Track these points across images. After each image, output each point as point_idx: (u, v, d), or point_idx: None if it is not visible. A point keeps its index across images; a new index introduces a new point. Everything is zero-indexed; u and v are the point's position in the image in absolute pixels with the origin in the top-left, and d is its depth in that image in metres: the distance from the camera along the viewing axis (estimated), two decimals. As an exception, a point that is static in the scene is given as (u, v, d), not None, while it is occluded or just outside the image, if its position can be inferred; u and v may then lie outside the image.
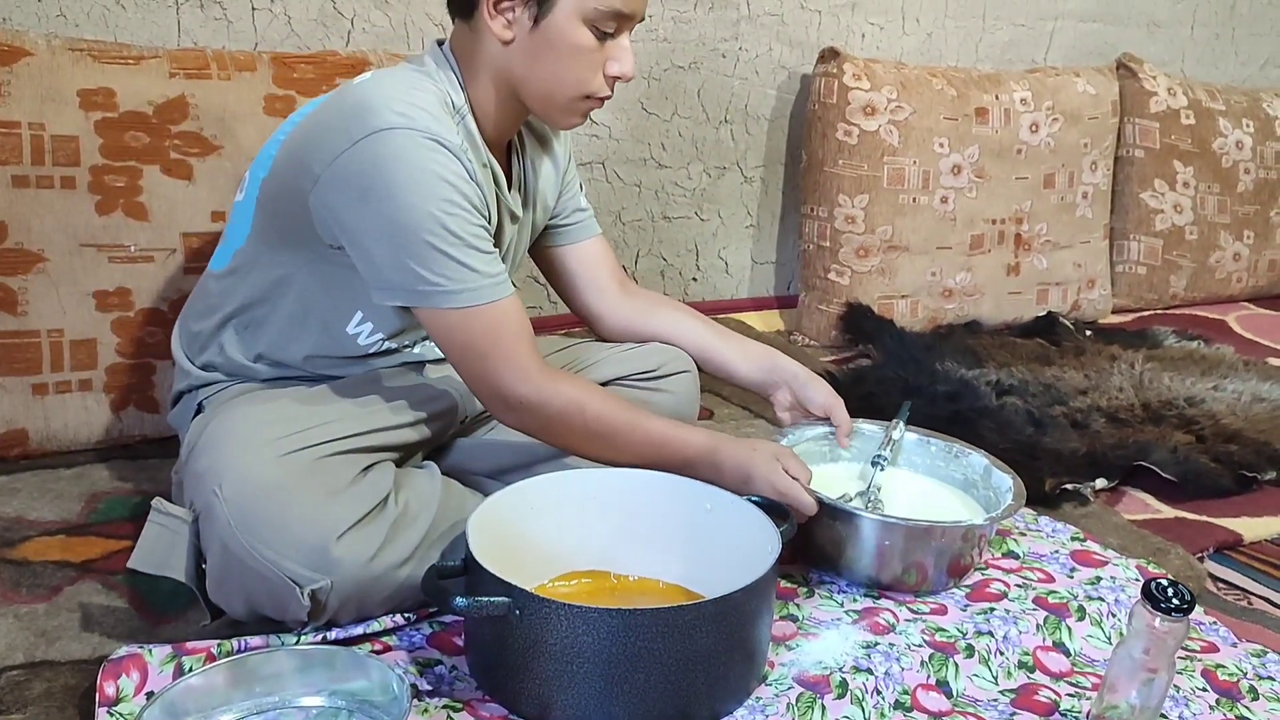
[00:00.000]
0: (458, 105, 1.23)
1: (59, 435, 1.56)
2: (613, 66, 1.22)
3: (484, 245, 1.18)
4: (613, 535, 1.25)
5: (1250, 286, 2.89)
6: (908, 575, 1.29)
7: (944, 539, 1.29)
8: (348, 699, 1.04)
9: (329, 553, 1.09)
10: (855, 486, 1.43)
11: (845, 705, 1.08)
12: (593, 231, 1.50)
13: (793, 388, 1.46)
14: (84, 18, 1.71)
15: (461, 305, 1.17)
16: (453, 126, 1.18)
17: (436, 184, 1.14)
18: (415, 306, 1.19)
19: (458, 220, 1.15)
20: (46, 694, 1.05)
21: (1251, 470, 1.72)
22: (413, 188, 1.13)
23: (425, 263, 1.15)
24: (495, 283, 1.18)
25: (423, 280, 1.15)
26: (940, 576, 1.31)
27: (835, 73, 2.30)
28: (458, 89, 1.23)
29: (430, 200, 1.13)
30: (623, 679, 1.01)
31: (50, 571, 1.26)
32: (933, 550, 1.29)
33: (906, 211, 2.34)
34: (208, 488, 1.11)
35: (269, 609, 1.12)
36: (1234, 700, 1.16)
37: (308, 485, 1.11)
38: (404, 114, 1.14)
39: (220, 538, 1.10)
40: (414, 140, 1.13)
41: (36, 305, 1.52)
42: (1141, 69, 2.69)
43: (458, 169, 1.16)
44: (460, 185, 1.15)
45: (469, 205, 1.16)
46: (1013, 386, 1.97)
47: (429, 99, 1.18)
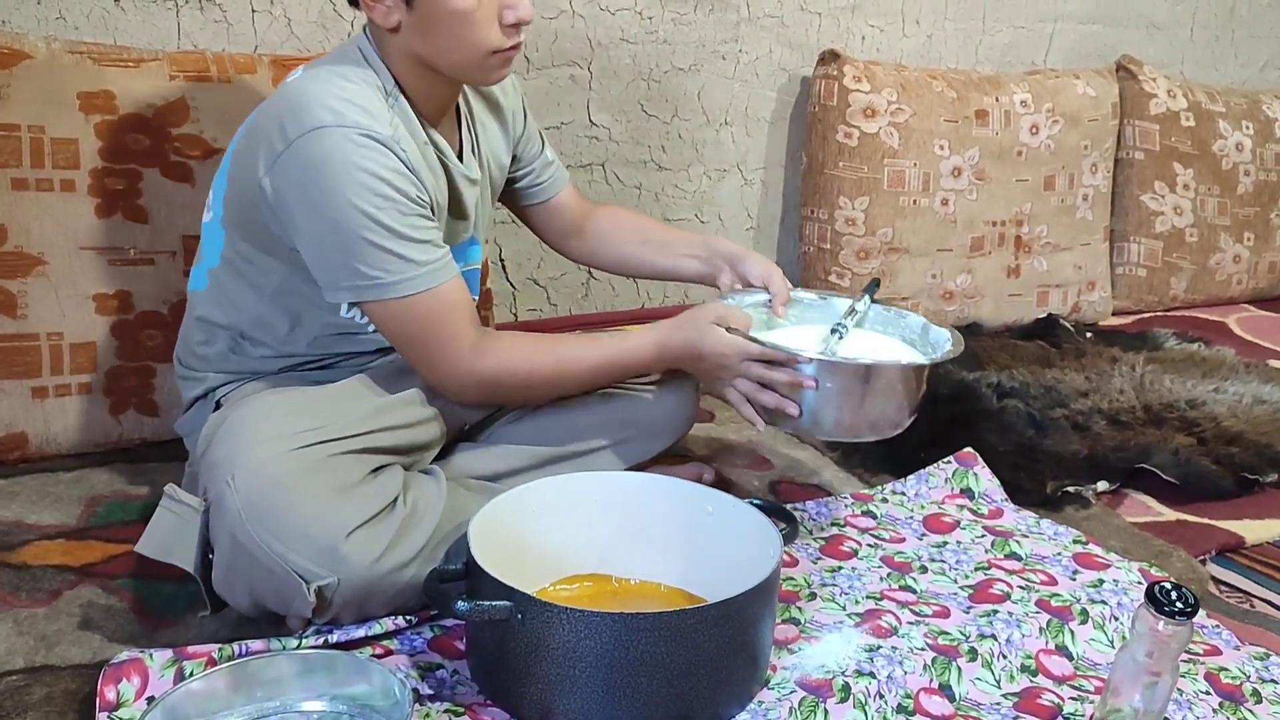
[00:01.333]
0: (389, 89, 1.23)
1: (58, 439, 1.55)
2: (508, 15, 1.20)
3: (420, 234, 1.20)
4: (614, 539, 1.25)
5: (1250, 288, 2.89)
6: (861, 421, 1.28)
7: (893, 377, 1.27)
8: (349, 703, 1.03)
9: (338, 550, 1.09)
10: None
11: (848, 709, 1.08)
12: (564, 183, 1.54)
13: (731, 265, 1.45)
14: (84, 20, 1.71)
15: (399, 295, 1.20)
16: (386, 114, 1.19)
17: (368, 180, 1.16)
18: (358, 301, 1.22)
19: (390, 214, 1.17)
20: (47, 699, 1.05)
21: (1253, 472, 1.71)
22: (345, 186, 1.15)
23: (362, 258, 1.18)
24: (432, 269, 1.21)
25: (361, 275, 1.19)
26: (891, 419, 1.29)
27: (835, 75, 2.30)
28: (386, 73, 1.24)
29: (363, 197, 1.16)
30: (624, 683, 1.01)
31: (50, 576, 1.26)
32: (883, 391, 1.27)
33: (907, 214, 2.34)
34: (221, 478, 1.11)
35: (273, 604, 1.12)
36: (1237, 703, 1.16)
37: (320, 481, 1.12)
38: (335, 110, 1.16)
39: (230, 528, 1.10)
40: (345, 138, 1.15)
41: (36, 308, 1.52)
42: (1141, 71, 2.69)
43: (390, 162, 1.17)
44: (392, 179, 1.17)
45: (402, 197, 1.18)
46: (1013, 389, 1.97)
47: (360, 90, 1.19)
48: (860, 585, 1.33)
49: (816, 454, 1.75)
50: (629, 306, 2.38)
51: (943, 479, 1.61)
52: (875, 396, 1.27)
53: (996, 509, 1.56)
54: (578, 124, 2.21)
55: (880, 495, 1.59)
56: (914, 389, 1.30)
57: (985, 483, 1.60)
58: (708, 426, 1.82)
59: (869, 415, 1.28)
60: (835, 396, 1.25)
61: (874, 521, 1.51)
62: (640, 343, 1.30)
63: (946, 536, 1.48)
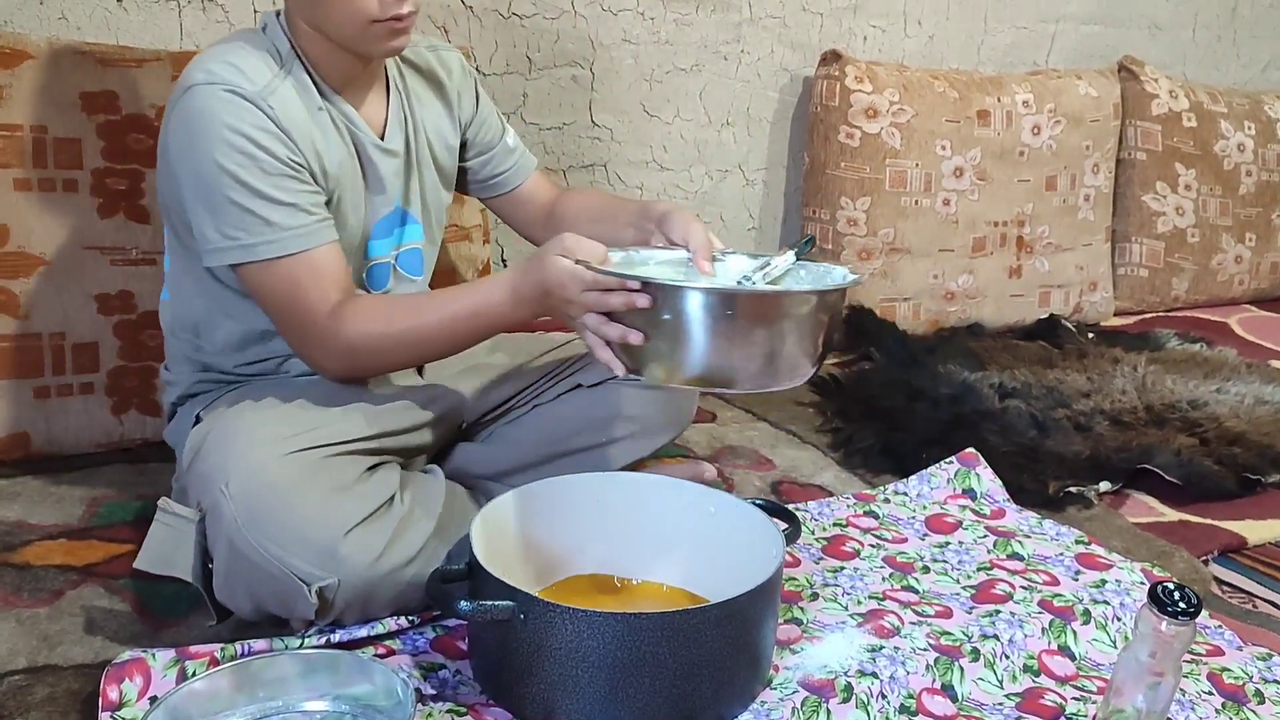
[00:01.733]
0: (283, 54, 1.22)
1: (61, 439, 1.55)
2: None
3: (285, 196, 1.17)
4: (616, 539, 1.25)
5: (1252, 289, 2.88)
6: (726, 364, 1.09)
7: (750, 308, 1.09)
8: (351, 704, 1.03)
9: (336, 550, 1.09)
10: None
11: (850, 709, 1.08)
12: (528, 171, 1.51)
13: (658, 226, 1.32)
14: (86, 20, 1.71)
15: (259, 258, 1.18)
16: (265, 75, 1.18)
17: (231, 136, 1.14)
18: (229, 265, 1.20)
19: (252, 172, 1.15)
20: (49, 699, 1.05)
21: (1255, 473, 1.71)
22: (210, 142, 1.15)
23: (225, 217, 1.16)
24: (296, 234, 1.18)
25: (224, 236, 1.17)
26: (768, 364, 1.10)
27: (837, 75, 2.30)
28: (283, 39, 1.23)
29: (224, 154, 1.15)
30: (627, 683, 1.01)
31: (52, 576, 1.26)
32: (744, 327, 1.08)
33: (908, 214, 2.34)
34: (215, 486, 1.11)
35: (276, 608, 1.12)
36: (1240, 704, 1.16)
37: (314, 483, 1.11)
38: (209, 70, 1.16)
39: (227, 535, 1.10)
40: (212, 94, 1.15)
41: (38, 308, 1.52)
42: (1143, 71, 2.69)
43: (255, 119, 1.15)
44: (256, 135, 1.15)
45: (267, 155, 1.16)
46: (1015, 389, 1.97)
47: (243, 53, 1.19)
48: (862, 585, 1.33)
49: (819, 454, 1.75)
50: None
51: (945, 479, 1.61)
52: (737, 333, 1.08)
53: (999, 509, 1.56)
54: (580, 124, 2.21)
55: (882, 495, 1.59)
56: (792, 328, 1.10)
57: (987, 483, 1.60)
58: (709, 426, 1.82)
59: (735, 357, 1.09)
60: (686, 331, 1.08)
61: (876, 522, 1.51)
62: (493, 287, 1.19)
63: (949, 537, 1.48)
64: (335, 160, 1.25)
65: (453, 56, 1.44)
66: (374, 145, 1.30)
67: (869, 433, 1.78)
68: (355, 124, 1.28)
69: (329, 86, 1.26)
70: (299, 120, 1.20)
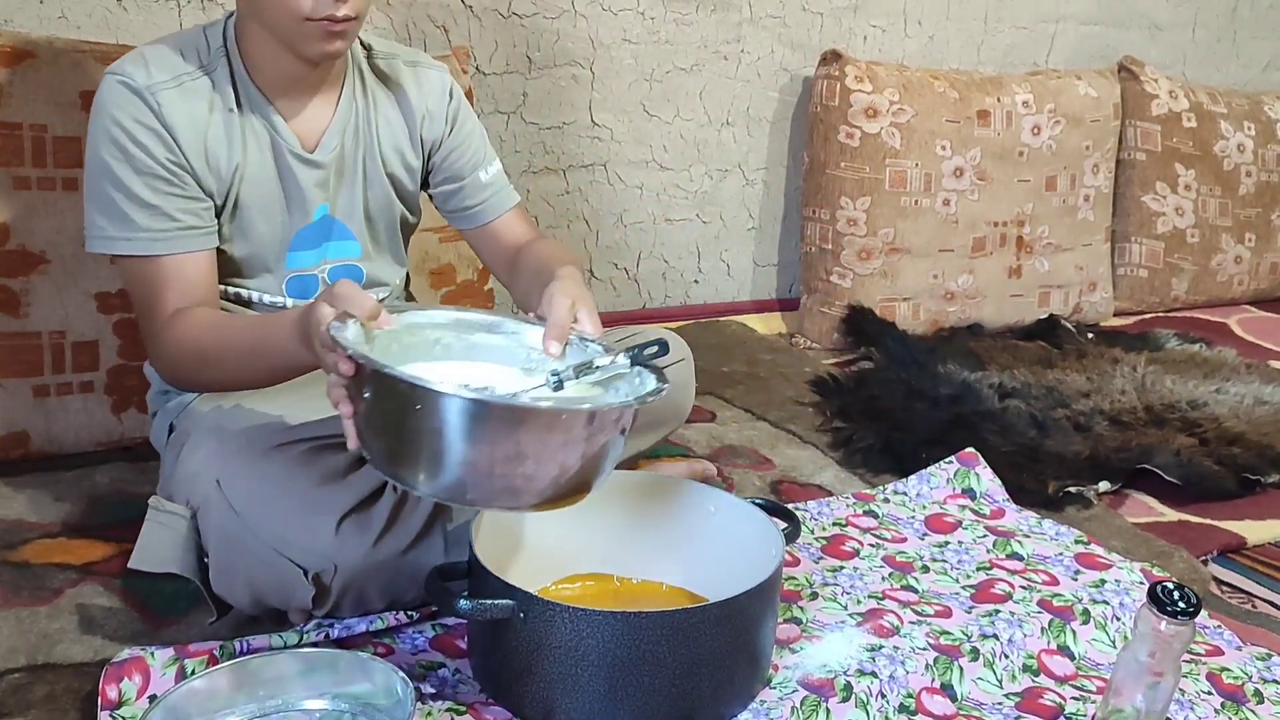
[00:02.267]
0: (212, 48, 1.22)
1: (60, 437, 1.55)
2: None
3: (151, 198, 1.17)
4: (616, 538, 1.24)
5: (1252, 289, 2.88)
6: (506, 481, 0.93)
7: (552, 424, 0.91)
8: (351, 702, 1.03)
9: (331, 537, 1.09)
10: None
11: (850, 709, 1.08)
12: (501, 209, 1.41)
13: (542, 294, 1.11)
14: (86, 19, 1.71)
15: (118, 253, 1.20)
16: (172, 73, 1.18)
17: (111, 127, 1.16)
18: (102, 254, 1.23)
19: (123, 167, 1.17)
20: (48, 697, 1.05)
21: (1254, 473, 1.71)
22: (95, 129, 1.18)
23: (96, 203, 1.19)
24: (151, 237, 1.18)
25: (93, 224, 1.20)
26: (556, 484, 0.95)
27: (837, 75, 2.30)
28: (218, 36, 1.23)
29: (104, 144, 1.17)
30: (627, 682, 1.01)
31: (51, 574, 1.26)
32: (538, 441, 0.92)
33: (908, 214, 2.34)
34: (206, 481, 1.11)
35: (273, 597, 1.12)
36: (1239, 704, 1.16)
37: (305, 473, 1.12)
38: (124, 60, 1.18)
39: (221, 527, 1.10)
40: (108, 85, 1.17)
41: (38, 307, 1.52)
42: (1143, 72, 2.69)
43: (137, 113, 1.16)
44: (134, 131, 1.16)
45: (141, 153, 1.16)
46: (1015, 389, 1.97)
47: (162, 49, 1.20)
48: (862, 585, 1.33)
49: (818, 453, 1.75)
50: (630, 307, 2.38)
51: (944, 479, 1.61)
52: (425, 431, 0.91)
53: (998, 509, 1.56)
54: (580, 124, 2.21)
55: (882, 495, 1.59)
56: (491, 441, 0.91)
57: (987, 483, 1.60)
58: (708, 425, 1.82)
59: (430, 458, 0.92)
60: (381, 418, 0.94)
61: (875, 521, 1.51)
62: (282, 322, 1.08)
63: (948, 536, 1.48)
64: (233, 166, 1.22)
65: (436, 77, 1.37)
66: (293, 154, 1.26)
67: (869, 432, 1.78)
68: (276, 130, 1.25)
69: (259, 89, 1.23)
70: (191, 121, 1.19)
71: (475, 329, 1.11)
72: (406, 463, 0.94)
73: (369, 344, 1.00)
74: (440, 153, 1.39)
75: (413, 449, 0.93)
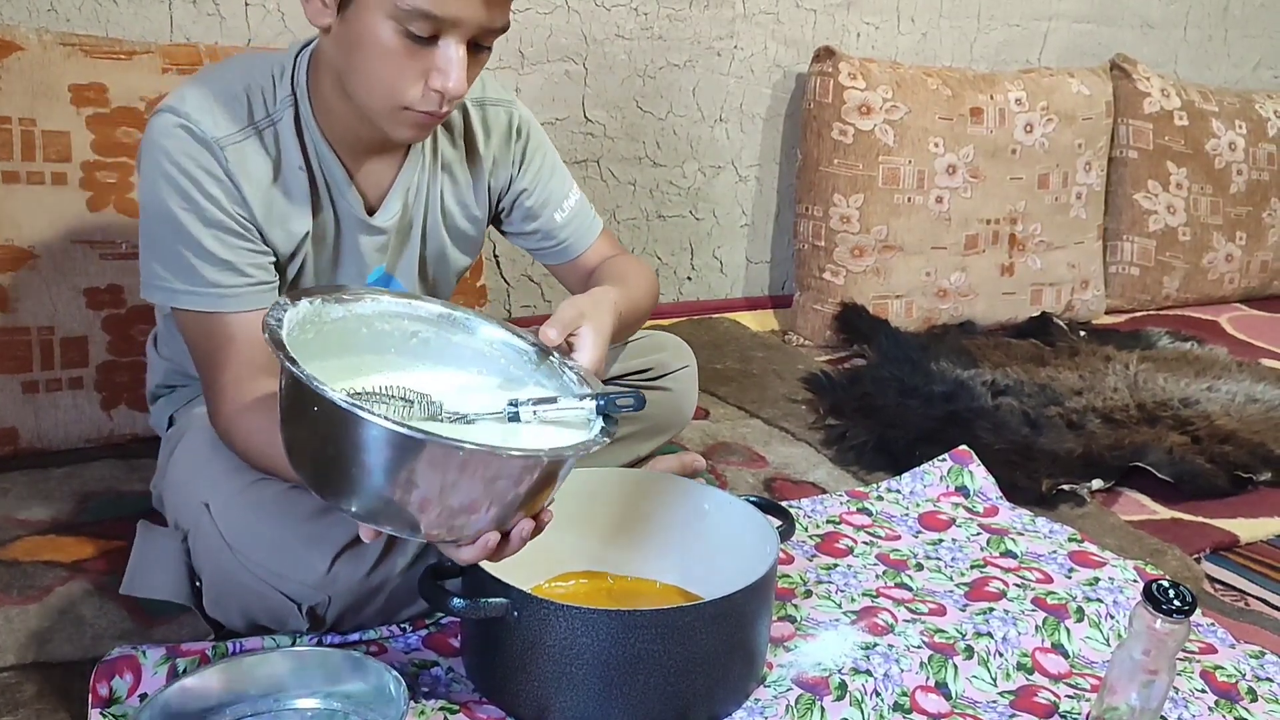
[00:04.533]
0: (279, 96, 1.13)
1: (49, 434, 1.54)
2: (434, 79, 1.04)
3: (219, 250, 1.10)
4: (610, 535, 1.24)
5: (1242, 288, 2.89)
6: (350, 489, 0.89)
7: (336, 418, 0.86)
8: (344, 701, 1.03)
9: (325, 572, 1.07)
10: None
11: (844, 707, 1.08)
12: (582, 247, 1.36)
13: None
14: (75, 12, 1.70)
15: (183, 306, 1.12)
16: (239, 124, 1.10)
17: (175, 175, 1.08)
18: (155, 302, 1.15)
19: (189, 216, 1.09)
20: (38, 696, 1.04)
21: (1247, 471, 1.72)
22: (154, 173, 1.09)
23: (157, 252, 1.11)
24: (222, 294, 1.10)
25: (153, 272, 1.12)
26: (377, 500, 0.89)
27: (831, 72, 2.30)
28: (285, 82, 1.14)
29: (165, 190, 1.09)
30: (621, 681, 1.00)
31: (41, 572, 1.25)
32: (466, 483, 0.88)
33: (901, 211, 2.34)
34: (194, 501, 1.10)
35: (268, 622, 1.11)
36: (1233, 702, 1.16)
37: (298, 505, 1.08)
38: (181, 97, 1.09)
39: (214, 558, 1.09)
40: (167, 125, 1.08)
41: (27, 302, 1.50)
42: (1135, 70, 2.70)
43: (205, 161, 1.08)
44: (202, 179, 1.08)
45: (210, 203, 1.09)
46: (1008, 387, 1.97)
47: (226, 85, 1.11)
48: (856, 583, 1.33)
49: (812, 451, 1.75)
50: (623, 303, 2.37)
51: (938, 476, 1.61)
52: (320, 440, 0.89)
53: (992, 507, 1.56)
54: (572, 120, 2.20)
55: (875, 493, 1.59)
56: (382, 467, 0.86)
57: (980, 480, 1.60)
58: (702, 423, 1.82)
59: (320, 466, 0.90)
60: (297, 419, 0.92)
61: (869, 519, 1.51)
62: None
63: (942, 534, 1.47)
64: (301, 227, 1.16)
65: (502, 115, 1.28)
66: (357, 219, 1.20)
67: (862, 430, 1.78)
68: (342, 192, 1.18)
69: (328, 143, 1.15)
70: (260, 177, 1.12)
71: (458, 330, 1.08)
72: (296, 458, 0.93)
73: (322, 325, 0.98)
74: (509, 196, 1.32)
75: (303, 447, 0.92)
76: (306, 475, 0.93)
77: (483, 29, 1.04)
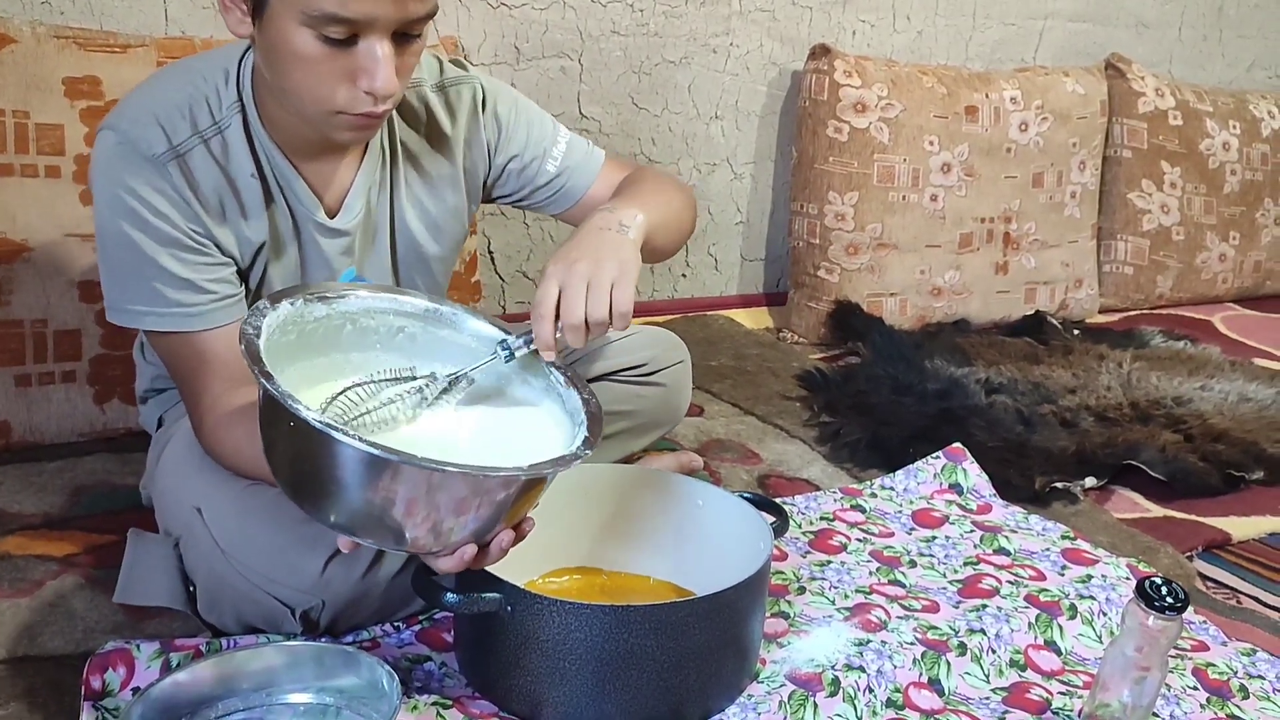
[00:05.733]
0: (226, 103, 1.09)
1: (42, 427, 1.54)
2: (361, 80, 1.00)
3: (178, 268, 1.07)
4: (604, 531, 1.24)
5: (1236, 287, 2.90)
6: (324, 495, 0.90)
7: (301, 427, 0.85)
8: (336, 695, 1.02)
9: (318, 577, 1.07)
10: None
11: (837, 703, 1.08)
12: (584, 187, 1.31)
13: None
14: (69, 5, 1.69)
15: (146, 328, 1.10)
16: (186, 133, 1.07)
17: (122, 196, 1.05)
18: (122, 325, 1.11)
19: (144, 238, 1.05)
20: (29, 690, 1.04)
21: (1239, 470, 1.72)
22: (104, 197, 1.06)
23: (114, 275, 1.08)
24: (184, 313, 1.08)
25: (112, 294, 1.09)
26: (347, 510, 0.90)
27: (826, 69, 2.30)
28: (231, 87, 1.10)
29: (116, 212, 1.05)
30: (614, 676, 1.00)
31: (33, 566, 1.25)
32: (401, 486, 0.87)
33: (896, 209, 2.34)
34: (186, 508, 1.09)
35: (262, 625, 1.11)
36: (1224, 699, 1.16)
37: (291, 510, 1.05)
38: (120, 113, 1.07)
39: (207, 563, 1.08)
40: (113, 148, 1.05)
41: (20, 295, 1.50)
42: (1130, 70, 2.70)
43: (153, 179, 1.05)
44: (152, 199, 1.05)
45: (162, 221, 1.05)
46: (1001, 385, 1.98)
47: (169, 96, 1.08)
48: (849, 579, 1.33)
49: (806, 448, 1.75)
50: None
51: (931, 474, 1.61)
52: (290, 447, 0.90)
53: (985, 504, 1.56)
54: (568, 116, 2.20)
55: (869, 490, 1.59)
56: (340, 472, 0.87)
57: (974, 478, 1.60)
58: (696, 420, 1.82)
59: (287, 466, 0.92)
60: (265, 419, 0.93)
61: (863, 516, 1.51)
62: None
63: (935, 531, 1.48)
64: (258, 236, 1.13)
65: (465, 92, 1.25)
66: (315, 224, 1.16)
67: (856, 427, 1.78)
68: (298, 196, 1.15)
69: (278, 148, 1.12)
70: (209, 187, 1.09)
71: (444, 325, 1.08)
72: (277, 469, 0.94)
73: (304, 325, 0.99)
74: (494, 170, 1.29)
75: (282, 460, 0.93)
76: (286, 487, 0.94)
77: (403, 21, 0.99)
